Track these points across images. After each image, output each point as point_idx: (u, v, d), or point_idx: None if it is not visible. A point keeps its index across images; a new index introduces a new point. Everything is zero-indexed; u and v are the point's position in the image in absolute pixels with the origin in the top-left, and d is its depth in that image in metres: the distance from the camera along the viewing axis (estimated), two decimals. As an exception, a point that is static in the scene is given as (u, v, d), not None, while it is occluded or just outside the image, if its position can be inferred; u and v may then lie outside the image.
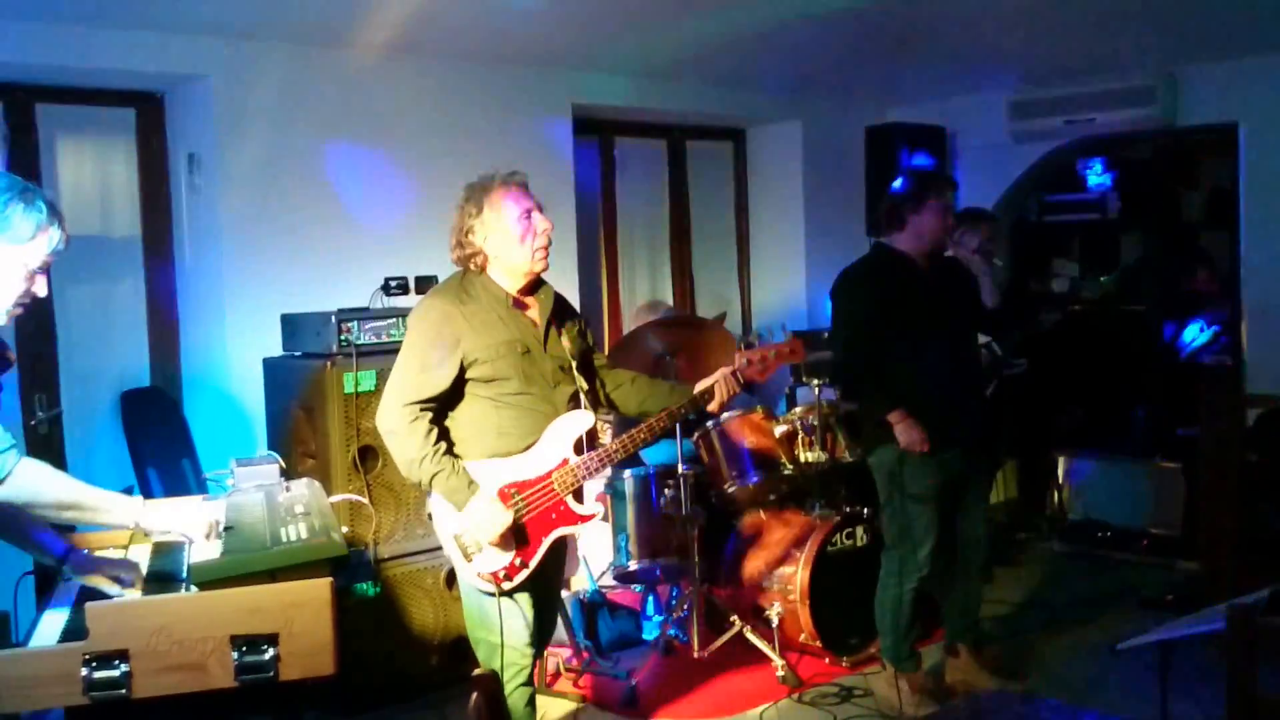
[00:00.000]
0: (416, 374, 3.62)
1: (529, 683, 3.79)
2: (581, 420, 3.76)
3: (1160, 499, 6.90)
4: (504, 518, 3.58)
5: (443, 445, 3.62)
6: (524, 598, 3.71)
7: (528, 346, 3.71)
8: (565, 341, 3.80)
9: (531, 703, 3.83)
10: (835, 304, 4.75)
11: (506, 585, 3.65)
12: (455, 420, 3.72)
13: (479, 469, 3.65)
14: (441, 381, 3.61)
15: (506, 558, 3.64)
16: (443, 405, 3.68)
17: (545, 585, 3.84)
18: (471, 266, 3.75)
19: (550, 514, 3.70)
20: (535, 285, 3.81)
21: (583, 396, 3.80)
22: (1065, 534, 7.17)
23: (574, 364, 3.80)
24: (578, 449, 3.75)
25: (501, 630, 3.66)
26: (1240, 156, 6.75)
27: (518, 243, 3.67)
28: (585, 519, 3.77)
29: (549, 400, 3.73)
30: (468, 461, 3.66)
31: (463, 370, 3.64)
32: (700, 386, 3.93)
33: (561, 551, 3.93)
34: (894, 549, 4.70)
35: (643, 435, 3.84)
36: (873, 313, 4.59)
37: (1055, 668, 5.12)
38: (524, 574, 3.66)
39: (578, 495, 3.77)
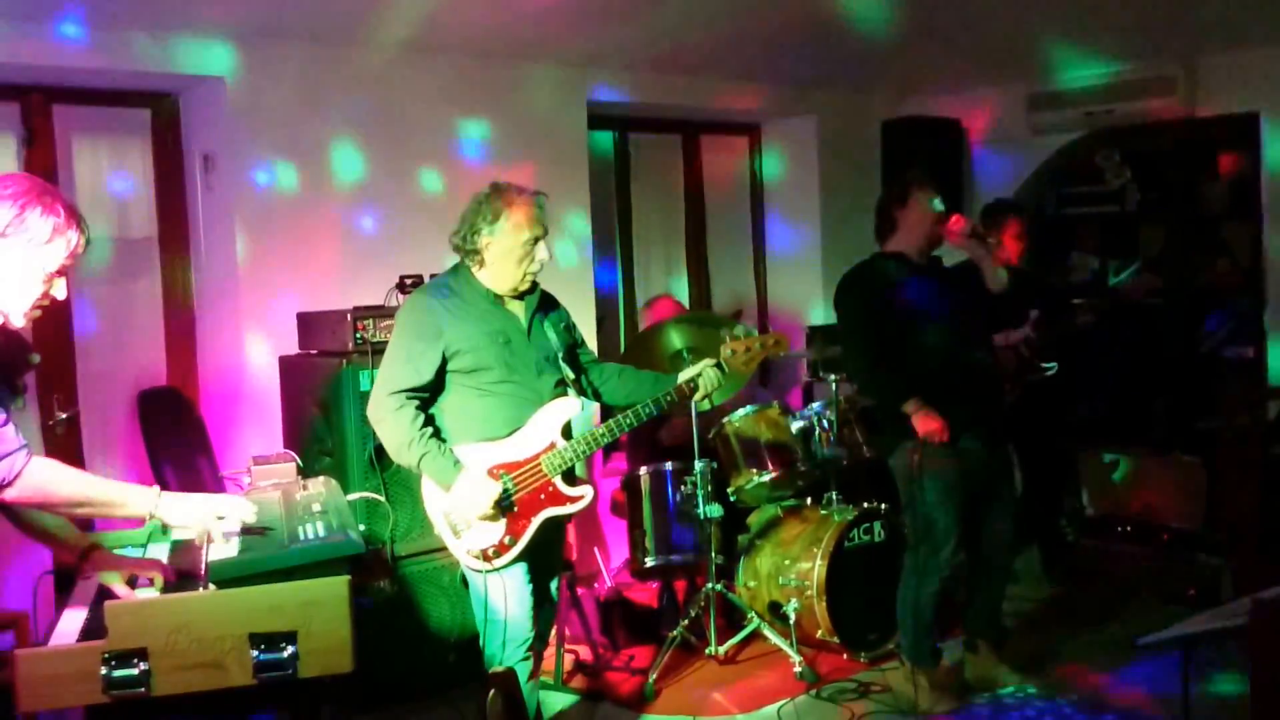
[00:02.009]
0: (402, 365, 3.80)
1: (528, 658, 3.91)
2: (569, 406, 3.93)
3: (1181, 493, 6.84)
4: (490, 491, 3.72)
5: (429, 430, 3.78)
6: (516, 574, 3.85)
7: (509, 337, 3.87)
8: (550, 333, 3.97)
9: (533, 677, 3.98)
10: (838, 311, 4.81)
11: (497, 562, 3.79)
12: (441, 410, 3.89)
13: (468, 453, 3.81)
14: (425, 372, 3.78)
15: (495, 535, 3.79)
16: (430, 395, 3.85)
17: (539, 565, 3.99)
18: (466, 260, 3.91)
19: (539, 494, 3.86)
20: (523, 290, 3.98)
21: (569, 384, 3.96)
22: (1085, 529, 7.12)
23: (559, 354, 3.96)
24: (565, 433, 3.91)
25: (487, 603, 3.80)
26: (1261, 146, 6.70)
27: (515, 263, 3.85)
28: (574, 500, 3.91)
29: (533, 388, 3.89)
30: (456, 446, 3.82)
31: (446, 362, 3.80)
32: (683, 376, 4.08)
33: (559, 533, 4.13)
34: (916, 549, 4.68)
35: (629, 420, 3.98)
36: (874, 314, 4.61)
37: (1076, 663, 5.09)
38: (513, 552, 3.82)
39: (568, 478, 3.90)
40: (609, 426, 3.95)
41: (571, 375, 3.98)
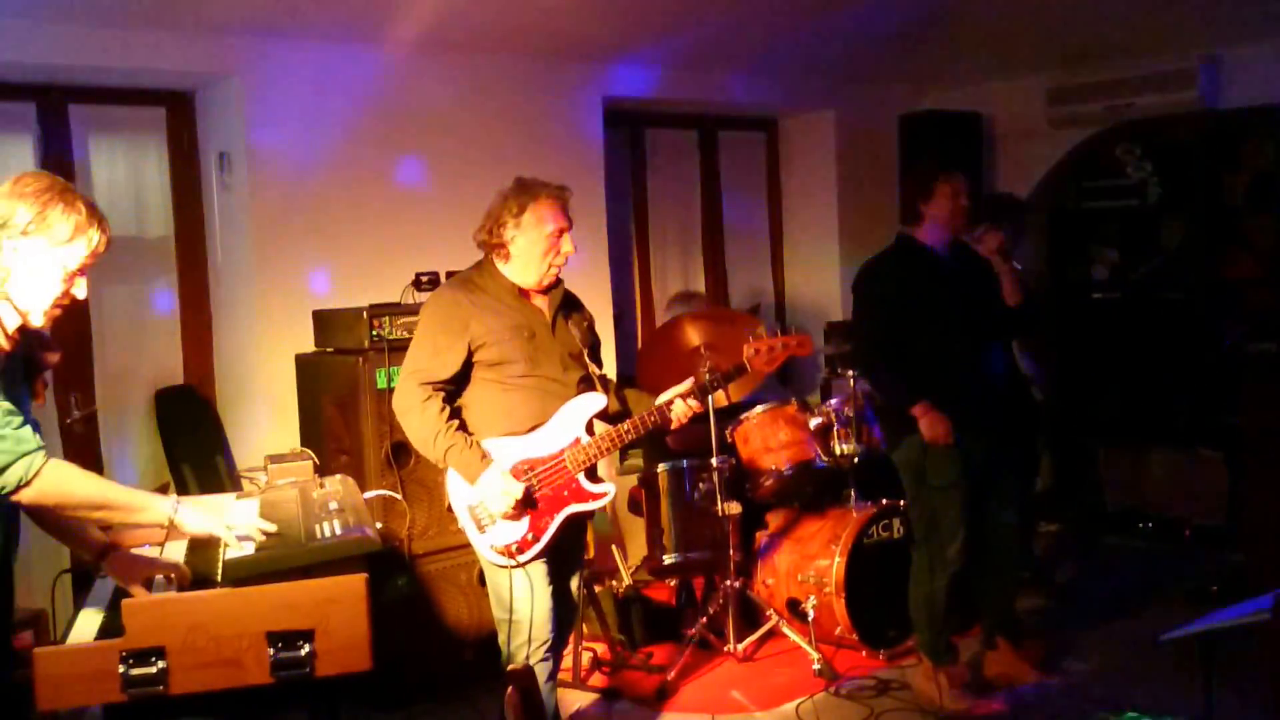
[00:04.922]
0: (429, 356, 3.81)
1: (547, 659, 3.89)
2: (594, 401, 3.92)
3: (1203, 488, 6.81)
4: (515, 488, 3.72)
5: (455, 422, 3.78)
6: (538, 573, 3.84)
7: (534, 331, 3.88)
8: (573, 330, 3.97)
9: (551, 678, 3.94)
10: (856, 297, 4.77)
11: (520, 558, 3.78)
12: (464, 403, 3.89)
13: (493, 445, 3.81)
14: (452, 364, 3.80)
15: (519, 531, 3.78)
16: (455, 389, 3.85)
17: (561, 563, 3.98)
18: (491, 255, 3.93)
19: (563, 491, 3.85)
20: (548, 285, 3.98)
21: (595, 380, 3.96)
22: (1106, 525, 7.09)
23: (584, 351, 3.97)
24: (589, 429, 3.91)
25: (512, 599, 3.78)
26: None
27: (539, 256, 3.87)
28: (597, 497, 3.91)
29: (559, 382, 3.90)
30: (482, 439, 3.81)
31: (471, 355, 3.81)
32: (660, 400, 4.03)
33: (580, 531, 4.12)
34: (924, 545, 4.66)
35: (653, 418, 3.95)
36: (893, 305, 4.60)
37: (1097, 660, 5.07)
38: (536, 548, 3.80)
39: (591, 474, 3.90)
40: (634, 423, 3.93)
41: (596, 371, 3.98)
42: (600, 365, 4.07)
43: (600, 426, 3.97)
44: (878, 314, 4.64)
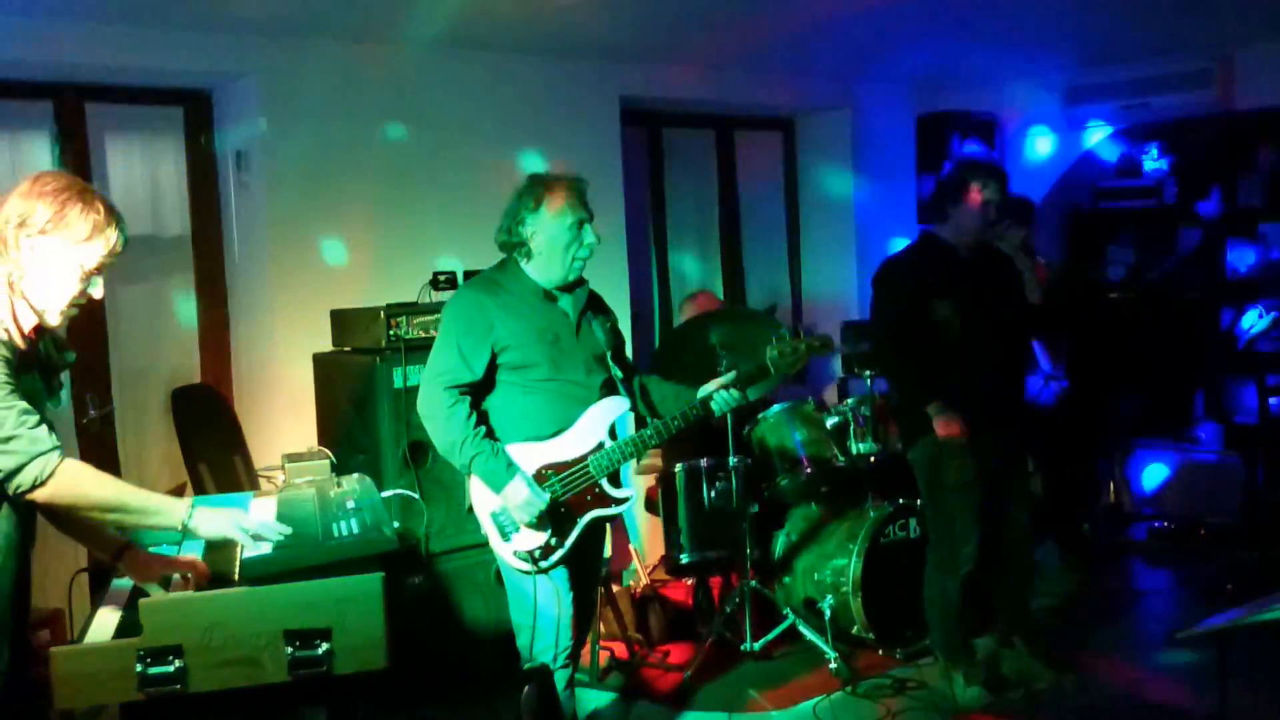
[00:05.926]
0: (454, 359, 3.73)
1: (568, 665, 3.87)
2: (618, 406, 3.87)
3: (1218, 488, 6.79)
4: (539, 501, 3.68)
5: (482, 429, 3.73)
6: (560, 578, 3.81)
7: (557, 334, 3.81)
8: (598, 332, 3.91)
9: (570, 685, 3.92)
10: (875, 292, 4.75)
11: (543, 564, 3.75)
12: (487, 407, 3.83)
13: (517, 451, 3.76)
14: (477, 367, 3.73)
15: (541, 537, 3.75)
16: (478, 392, 3.78)
17: (582, 568, 3.94)
18: (514, 255, 3.85)
19: (586, 496, 3.81)
20: (573, 283, 3.91)
21: (618, 384, 3.90)
22: (1122, 524, 7.07)
23: (608, 354, 3.91)
24: (613, 434, 3.86)
25: (535, 605, 3.74)
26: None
27: (562, 250, 3.78)
28: (620, 502, 3.87)
29: (583, 386, 3.83)
30: (505, 444, 3.76)
31: (494, 358, 3.75)
32: (702, 392, 3.97)
33: (600, 535, 4.08)
34: (938, 544, 4.66)
35: (677, 422, 3.90)
36: (912, 302, 4.58)
37: (1112, 658, 5.05)
38: (558, 554, 3.77)
39: (614, 479, 3.86)
40: (656, 428, 3.88)
41: (620, 375, 3.92)
42: (626, 366, 4.02)
43: (625, 429, 3.95)
44: (895, 310, 4.63)
